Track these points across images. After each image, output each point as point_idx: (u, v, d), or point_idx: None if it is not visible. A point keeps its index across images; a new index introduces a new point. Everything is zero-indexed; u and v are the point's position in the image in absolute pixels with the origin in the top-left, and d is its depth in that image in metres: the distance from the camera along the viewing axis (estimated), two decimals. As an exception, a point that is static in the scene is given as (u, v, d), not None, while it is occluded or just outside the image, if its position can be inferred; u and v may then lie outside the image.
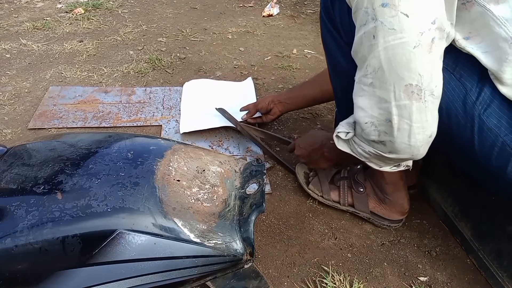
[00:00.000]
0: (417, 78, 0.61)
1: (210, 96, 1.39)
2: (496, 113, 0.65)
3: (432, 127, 0.66)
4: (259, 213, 0.67)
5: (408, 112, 0.63)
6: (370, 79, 0.65)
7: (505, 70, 0.62)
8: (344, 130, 0.75)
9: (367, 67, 0.65)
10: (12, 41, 1.80)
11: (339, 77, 0.87)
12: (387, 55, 0.61)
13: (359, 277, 0.85)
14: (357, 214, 0.97)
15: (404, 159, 0.73)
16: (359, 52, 0.66)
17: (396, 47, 0.60)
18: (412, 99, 0.62)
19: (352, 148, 0.76)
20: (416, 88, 0.61)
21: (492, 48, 0.63)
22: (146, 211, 0.60)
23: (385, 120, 0.66)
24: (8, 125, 1.26)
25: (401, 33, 0.59)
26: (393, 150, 0.69)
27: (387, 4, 0.59)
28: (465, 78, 0.68)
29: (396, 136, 0.66)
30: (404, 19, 0.59)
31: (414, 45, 0.59)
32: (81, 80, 1.52)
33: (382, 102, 0.65)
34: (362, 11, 0.62)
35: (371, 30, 0.62)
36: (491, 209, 0.83)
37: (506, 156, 0.65)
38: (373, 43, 0.62)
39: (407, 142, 0.66)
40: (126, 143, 0.72)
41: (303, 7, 2.38)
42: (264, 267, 0.85)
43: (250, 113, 1.23)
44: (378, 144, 0.70)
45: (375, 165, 0.77)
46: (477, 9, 0.62)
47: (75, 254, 0.56)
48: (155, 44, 1.84)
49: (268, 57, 1.77)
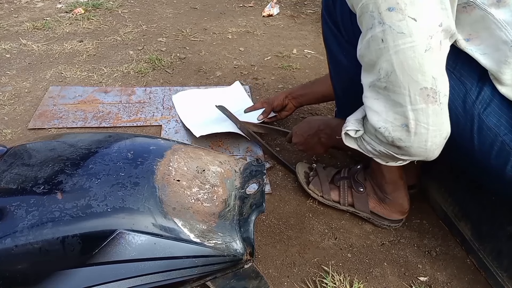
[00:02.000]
0: (431, 81, 0.61)
1: (205, 104, 1.35)
2: (496, 112, 0.65)
3: (448, 129, 0.66)
4: (259, 213, 0.67)
5: (425, 116, 0.63)
6: (384, 83, 0.64)
7: (504, 72, 0.62)
8: (354, 128, 0.74)
9: (379, 71, 0.64)
10: (12, 41, 1.80)
11: (340, 75, 0.87)
12: (399, 59, 0.61)
13: (359, 277, 0.85)
14: (357, 214, 0.97)
15: (416, 159, 0.73)
16: (366, 56, 0.66)
17: (407, 51, 0.60)
18: (428, 102, 0.62)
19: (360, 145, 0.76)
20: (432, 91, 0.61)
21: (491, 50, 0.63)
22: (146, 211, 0.60)
23: (401, 125, 0.65)
24: (8, 125, 1.26)
25: (410, 37, 0.59)
26: (407, 153, 0.69)
27: (393, 8, 0.59)
28: (465, 77, 0.68)
29: (413, 141, 0.65)
30: (412, 23, 0.59)
31: (425, 48, 0.59)
32: (81, 80, 1.52)
33: (398, 106, 0.64)
34: (367, 15, 0.62)
35: (378, 34, 0.61)
36: (491, 209, 0.83)
37: (505, 155, 0.65)
38: (382, 46, 0.62)
39: (424, 147, 0.66)
40: (126, 143, 0.72)
41: (303, 7, 2.38)
42: (264, 267, 0.85)
43: (266, 112, 1.23)
44: (392, 146, 0.69)
45: (382, 161, 0.77)
46: (478, 13, 0.62)
47: (75, 254, 0.56)
48: (155, 44, 1.84)
49: (268, 57, 1.77)
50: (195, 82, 1.55)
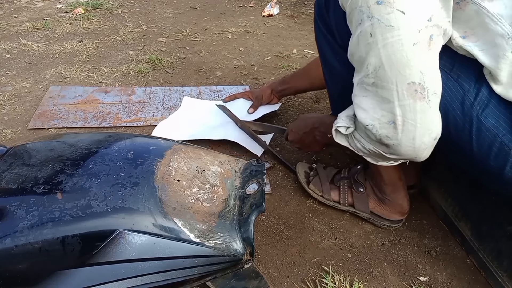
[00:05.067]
0: (419, 76, 0.60)
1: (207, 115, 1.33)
2: (494, 113, 0.65)
3: (437, 129, 0.65)
4: (259, 213, 0.67)
5: (413, 112, 0.62)
6: (372, 79, 0.64)
7: (502, 67, 0.62)
8: (344, 124, 0.74)
9: (367, 67, 0.64)
10: (12, 41, 1.80)
11: (334, 80, 0.86)
12: (387, 52, 0.61)
13: (359, 277, 0.85)
14: (357, 214, 0.97)
15: (405, 159, 0.73)
16: (356, 53, 0.66)
17: (395, 44, 0.60)
18: (416, 98, 0.61)
19: (351, 142, 0.75)
20: (419, 86, 0.61)
21: (489, 46, 0.63)
22: (146, 211, 0.60)
23: (388, 122, 0.65)
24: (8, 125, 1.26)
25: (398, 29, 0.59)
26: (395, 152, 0.68)
27: (382, 1, 0.59)
28: (463, 79, 0.67)
29: (401, 138, 0.65)
30: (401, 16, 0.58)
31: (414, 42, 0.59)
32: (81, 80, 1.52)
33: (385, 102, 0.64)
34: (357, 11, 0.62)
35: (367, 28, 0.61)
36: (491, 209, 0.83)
37: (504, 156, 0.65)
38: (370, 41, 0.61)
39: (412, 145, 0.65)
40: (126, 143, 0.72)
41: (303, 7, 2.38)
42: (264, 267, 0.85)
43: (255, 106, 1.31)
44: (381, 144, 0.69)
45: (372, 160, 0.77)
46: (472, 8, 0.62)
47: (75, 254, 0.56)
48: (155, 44, 1.84)
49: (268, 57, 1.77)
50: (195, 82, 1.55)
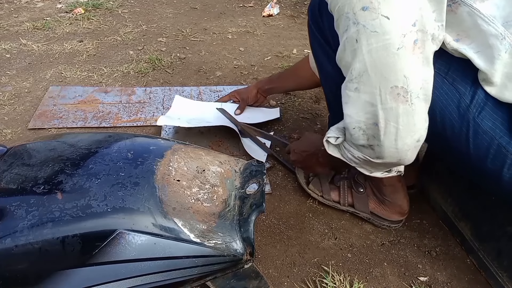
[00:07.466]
0: (402, 80, 0.60)
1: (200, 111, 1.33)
2: (490, 115, 0.65)
3: (420, 131, 0.65)
4: (259, 213, 0.67)
5: (395, 115, 0.63)
6: (355, 84, 0.64)
7: (497, 68, 0.61)
8: (334, 135, 0.75)
9: (352, 72, 0.64)
10: (12, 41, 1.80)
11: (328, 84, 0.87)
12: (372, 58, 0.61)
13: (359, 277, 0.85)
14: (357, 214, 0.97)
15: (391, 164, 0.72)
16: (343, 59, 0.66)
17: (380, 49, 0.60)
18: (398, 101, 0.62)
19: (343, 153, 0.76)
20: (402, 90, 0.61)
21: (483, 48, 0.63)
22: (146, 211, 0.60)
23: (373, 124, 0.65)
24: (8, 125, 1.26)
25: (383, 35, 0.59)
26: (380, 155, 0.69)
27: (367, 7, 0.59)
28: (458, 82, 0.67)
29: (383, 140, 0.65)
30: (385, 21, 0.59)
31: (398, 46, 0.59)
32: (81, 80, 1.52)
33: (368, 106, 0.64)
34: (343, 17, 0.62)
35: (353, 34, 0.61)
36: (491, 209, 0.83)
37: (501, 158, 0.65)
38: (356, 47, 0.62)
39: (394, 146, 0.66)
40: (126, 143, 0.72)
41: (303, 7, 2.38)
42: (264, 267, 0.85)
43: (242, 108, 1.31)
44: (367, 148, 0.70)
45: (366, 171, 0.77)
46: (464, 10, 0.62)
47: (75, 254, 0.56)
48: (155, 44, 1.84)
49: (268, 57, 1.77)
50: (195, 82, 1.55)
